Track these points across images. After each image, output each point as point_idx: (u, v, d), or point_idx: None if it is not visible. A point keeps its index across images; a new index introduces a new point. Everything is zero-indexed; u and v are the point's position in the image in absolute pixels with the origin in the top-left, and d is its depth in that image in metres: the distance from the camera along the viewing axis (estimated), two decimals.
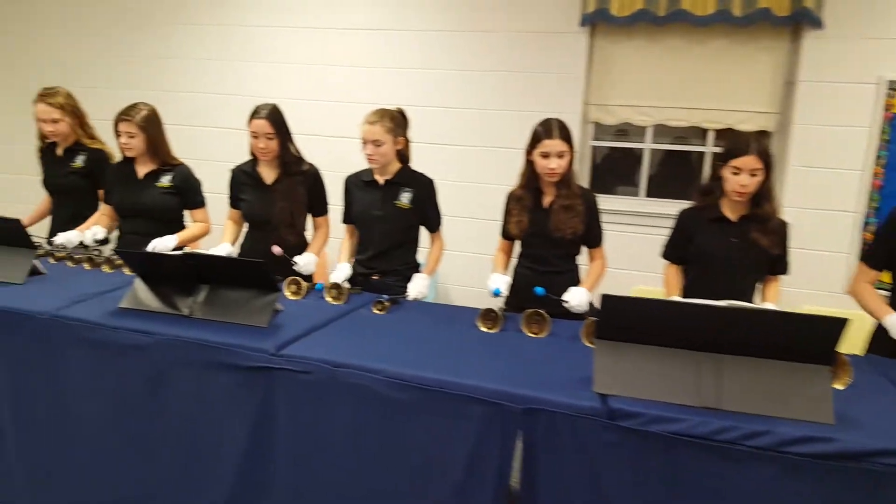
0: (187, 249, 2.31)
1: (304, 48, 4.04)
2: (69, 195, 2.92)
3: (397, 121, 2.38)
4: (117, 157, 2.86)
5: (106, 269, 2.38)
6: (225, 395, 1.72)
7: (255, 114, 2.46)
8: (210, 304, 1.91)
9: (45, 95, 2.80)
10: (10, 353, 1.93)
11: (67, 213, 2.92)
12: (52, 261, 2.47)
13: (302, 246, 2.61)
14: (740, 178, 2.10)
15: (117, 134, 2.63)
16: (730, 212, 2.22)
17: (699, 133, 3.72)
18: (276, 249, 2.30)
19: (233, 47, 4.17)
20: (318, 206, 2.64)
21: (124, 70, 4.37)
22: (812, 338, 1.44)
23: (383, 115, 2.36)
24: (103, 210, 2.82)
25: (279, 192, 2.53)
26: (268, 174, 2.57)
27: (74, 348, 1.86)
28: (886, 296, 2.16)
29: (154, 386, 1.79)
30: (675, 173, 3.89)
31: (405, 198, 2.39)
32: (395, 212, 2.42)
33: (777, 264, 2.24)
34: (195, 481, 1.79)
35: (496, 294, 2.19)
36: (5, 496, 2.02)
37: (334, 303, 2.12)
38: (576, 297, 2.12)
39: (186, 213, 2.81)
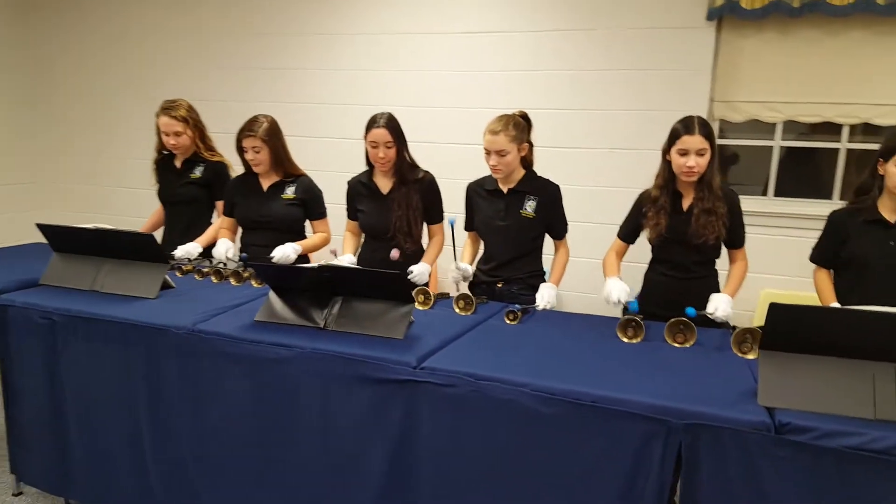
0: (319, 261, 2.47)
1: (414, 54, 4.22)
2: (186, 206, 3.13)
3: (521, 127, 2.43)
4: (236, 170, 3.09)
5: (233, 281, 2.59)
6: (367, 409, 1.84)
7: (373, 123, 2.57)
8: (344, 316, 2.04)
9: (169, 108, 3.02)
10: (149, 367, 2.11)
11: (182, 224, 3.13)
12: (178, 274, 2.68)
13: (419, 253, 2.72)
14: None
15: (242, 150, 2.82)
16: (888, 213, 2.17)
17: (828, 129, 3.62)
18: (395, 253, 2.42)
19: (342, 57, 4.40)
20: (434, 214, 2.73)
21: (237, 82, 4.68)
22: None
23: (507, 122, 2.40)
24: (222, 223, 3.02)
25: (395, 201, 2.64)
26: (384, 184, 2.70)
27: (213, 362, 2.02)
28: None
29: (294, 399, 1.93)
30: (803, 172, 3.80)
31: (530, 206, 2.46)
32: (519, 221, 2.48)
33: None
34: (336, 497, 1.92)
35: (634, 310, 2.15)
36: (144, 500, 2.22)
37: (463, 313, 2.23)
38: (721, 308, 2.10)
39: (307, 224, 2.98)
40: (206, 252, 2.99)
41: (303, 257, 2.82)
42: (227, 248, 2.82)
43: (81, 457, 2.31)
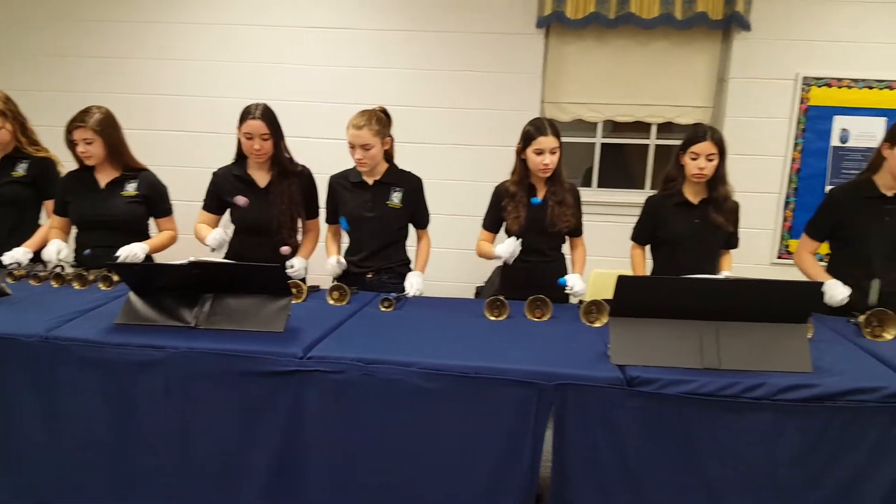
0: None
1: (264, 48, 4.11)
2: (9, 207, 2.80)
3: (382, 122, 2.50)
4: (65, 166, 2.81)
5: (77, 285, 2.36)
6: (252, 404, 1.80)
7: (247, 114, 2.49)
8: (217, 313, 1.97)
9: None
10: None
11: (6, 226, 2.81)
12: (10, 280, 2.40)
13: (296, 249, 2.69)
14: (698, 163, 2.45)
15: (72, 143, 2.57)
16: (691, 196, 2.56)
17: (640, 127, 4.15)
18: (286, 249, 2.38)
19: (184, 47, 4.14)
20: (311, 209, 2.71)
21: (66, 71, 4.21)
22: (793, 301, 1.77)
23: (370, 117, 2.45)
24: (53, 223, 2.74)
25: (277, 195, 2.57)
26: (261, 177, 2.61)
27: (74, 370, 1.86)
28: (823, 265, 2.61)
29: (167, 403, 1.83)
30: (620, 165, 4.30)
31: (396, 197, 2.54)
32: (386, 212, 2.55)
33: (730, 239, 2.62)
34: (227, 491, 1.86)
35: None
36: None
37: (337, 304, 2.26)
38: (577, 285, 2.41)
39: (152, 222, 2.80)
40: (38, 256, 2.69)
41: (148, 258, 2.63)
42: (58, 249, 2.57)
43: None
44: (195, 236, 2.67)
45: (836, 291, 2.37)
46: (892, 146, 2.38)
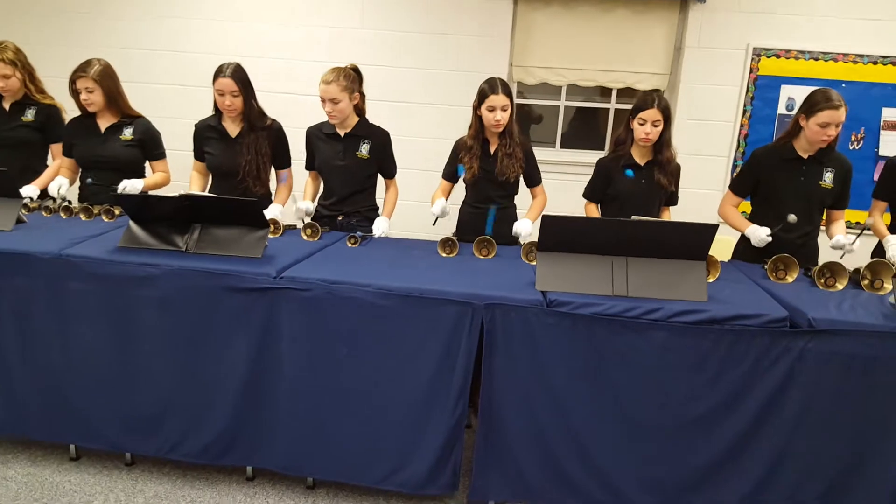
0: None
1: (249, 6, 4.29)
2: (19, 149, 3.04)
3: (351, 78, 2.71)
4: (69, 113, 3.04)
5: (83, 217, 2.64)
6: (232, 316, 2.09)
7: (219, 73, 2.70)
8: (204, 240, 2.25)
9: None
10: (15, 293, 2.17)
11: (16, 167, 3.01)
12: (24, 211, 2.64)
13: (267, 196, 2.92)
14: (645, 128, 2.69)
15: (76, 91, 2.81)
16: (638, 158, 2.81)
17: (603, 92, 4.38)
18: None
19: (181, 4, 4.33)
20: (282, 159, 2.95)
21: (69, 27, 4.40)
22: (691, 240, 2.05)
23: (338, 74, 2.67)
24: (62, 163, 2.99)
25: (245, 145, 2.80)
26: (232, 129, 2.84)
27: (82, 284, 2.14)
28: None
29: (162, 313, 2.13)
30: (583, 128, 4.55)
31: (364, 149, 2.79)
32: (355, 161, 2.80)
33: (671, 198, 2.89)
34: (208, 394, 2.16)
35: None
36: (19, 425, 2.29)
37: (310, 240, 2.54)
38: (523, 227, 2.66)
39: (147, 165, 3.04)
40: (44, 195, 2.95)
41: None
42: (59, 185, 2.84)
43: None
44: (190, 183, 2.94)
45: (760, 232, 2.62)
46: (807, 118, 2.64)
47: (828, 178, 2.71)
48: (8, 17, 4.43)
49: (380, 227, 2.71)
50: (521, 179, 2.87)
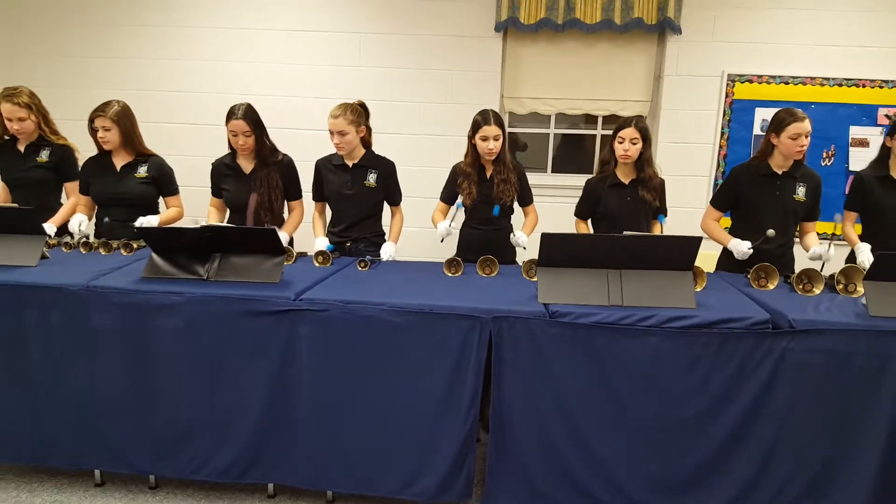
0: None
1: (257, 49, 4.51)
2: (34, 188, 3.17)
3: (358, 112, 2.89)
4: (83, 152, 3.19)
5: (103, 251, 2.76)
6: (253, 338, 2.21)
7: (231, 114, 2.86)
8: (224, 268, 2.38)
9: (10, 95, 3.05)
10: (42, 324, 2.27)
11: (33, 205, 3.11)
12: (45, 248, 2.77)
13: (280, 226, 3.05)
14: (624, 145, 2.89)
15: (94, 130, 2.96)
16: (623, 177, 3.00)
17: (588, 119, 4.60)
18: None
19: (191, 48, 4.55)
20: (293, 191, 3.10)
21: (82, 71, 4.60)
22: (678, 252, 2.22)
23: (345, 108, 2.85)
24: (79, 201, 3.11)
25: (257, 180, 2.95)
26: (246, 165, 3.00)
27: (109, 313, 2.25)
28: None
29: (187, 338, 2.24)
30: (572, 153, 4.77)
31: (372, 178, 2.96)
32: (363, 190, 2.96)
33: (659, 210, 3.05)
34: (230, 415, 2.27)
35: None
36: (46, 455, 2.37)
37: (321, 266, 2.68)
38: (521, 237, 2.88)
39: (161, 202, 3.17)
40: (61, 231, 3.08)
41: None
42: (79, 222, 2.96)
43: None
44: (207, 217, 3.09)
45: (741, 245, 2.80)
46: (777, 135, 2.85)
47: (801, 191, 2.90)
48: (28, 61, 4.61)
49: (387, 252, 2.86)
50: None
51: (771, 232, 2.74)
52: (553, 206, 4.14)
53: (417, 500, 2.27)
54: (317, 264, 2.69)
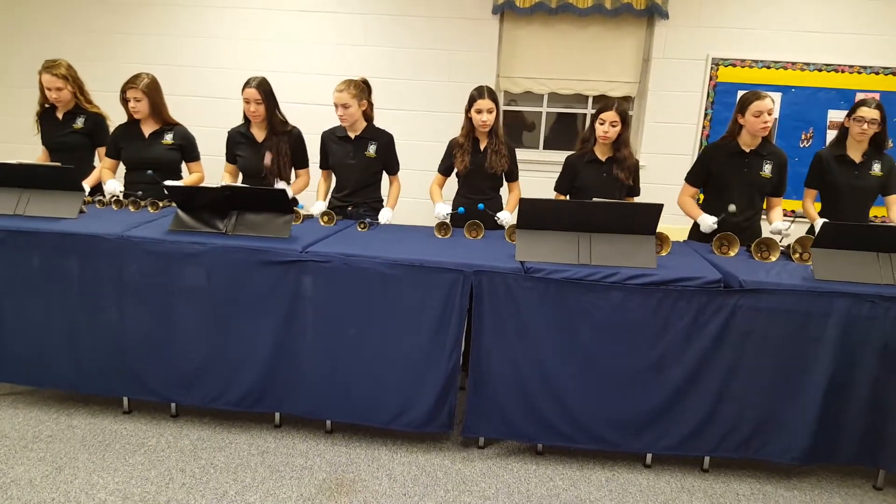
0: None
1: (271, 28, 4.75)
2: (71, 152, 3.39)
3: (360, 88, 3.10)
4: (114, 120, 3.42)
5: (132, 208, 3.01)
6: (265, 285, 2.46)
7: (246, 84, 3.08)
8: (241, 224, 2.61)
9: (50, 67, 3.27)
10: (82, 268, 2.53)
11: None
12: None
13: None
14: (604, 127, 3.06)
15: (125, 100, 3.19)
16: (600, 155, 3.19)
17: (581, 99, 4.78)
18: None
19: (212, 27, 4.81)
20: (301, 160, 3.32)
21: (115, 47, 4.90)
22: (642, 218, 2.44)
23: (349, 83, 3.06)
24: (106, 164, 3.35)
25: (269, 147, 3.18)
26: (258, 134, 3.22)
27: (140, 261, 2.52)
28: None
29: (208, 283, 2.50)
30: (564, 131, 4.96)
31: (372, 149, 3.17)
32: (364, 160, 3.18)
33: (632, 189, 3.24)
34: (244, 352, 2.53)
35: (461, 212, 3.07)
36: (84, 384, 2.65)
37: (326, 225, 2.92)
38: (505, 216, 3.04)
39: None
40: (92, 191, 3.34)
41: None
42: (115, 186, 3.21)
43: (21, 346, 2.65)
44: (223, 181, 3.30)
45: (708, 220, 2.98)
46: (742, 114, 3.02)
47: (767, 168, 3.08)
48: (68, 37, 4.88)
49: (385, 216, 3.10)
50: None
51: (732, 207, 2.91)
52: (545, 181, 4.33)
53: (406, 429, 2.53)
54: (322, 223, 2.93)
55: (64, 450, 2.48)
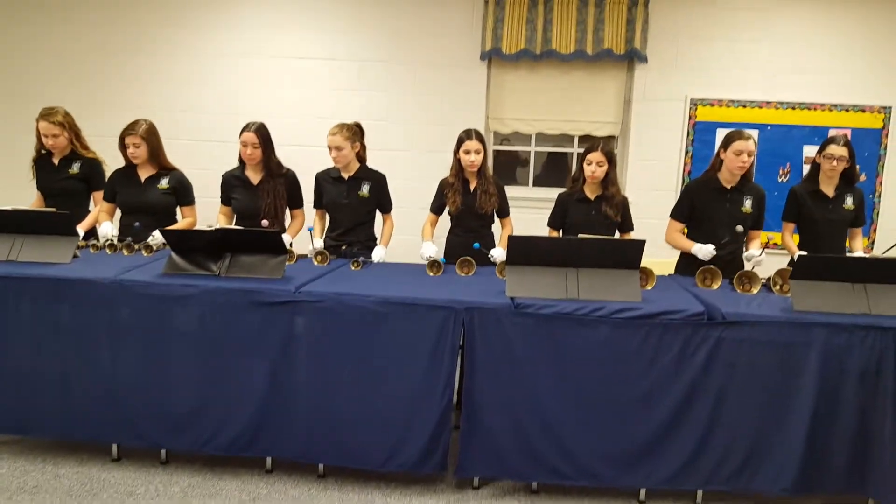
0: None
1: (268, 75, 4.89)
2: (66, 197, 3.42)
3: (353, 131, 3.18)
4: (110, 165, 3.47)
5: (126, 252, 3.03)
6: (258, 326, 2.46)
7: (245, 128, 3.16)
8: (234, 266, 2.63)
9: (47, 115, 3.34)
10: (75, 313, 2.52)
11: (66, 210, 3.43)
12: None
13: (283, 232, 3.31)
14: (591, 167, 3.14)
15: (124, 146, 3.24)
16: (589, 193, 3.25)
17: (568, 139, 4.90)
18: (265, 223, 3.08)
19: (209, 74, 4.93)
20: (295, 201, 3.37)
21: (121, 93, 5.00)
22: (626, 254, 2.49)
23: (342, 127, 3.15)
24: (104, 207, 3.37)
25: (264, 190, 3.22)
26: (254, 177, 3.27)
27: (133, 304, 2.51)
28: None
29: (200, 325, 2.49)
30: (552, 169, 5.07)
31: (365, 189, 3.24)
32: (357, 200, 3.24)
33: (623, 224, 3.28)
34: (235, 395, 2.50)
35: (443, 262, 3.02)
36: (72, 430, 2.60)
37: (320, 265, 2.95)
38: (498, 253, 3.06)
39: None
40: (87, 235, 3.35)
41: None
42: (110, 228, 3.23)
43: (9, 394, 2.61)
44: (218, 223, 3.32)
45: (705, 248, 3.03)
46: (725, 151, 3.12)
47: (747, 204, 3.16)
48: (65, 84, 4.99)
49: (378, 254, 3.14)
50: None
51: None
52: (536, 217, 4.41)
53: (400, 470, 2.49)
54: (315, 263, 2.96)
55: (50, 500, 2.41)
